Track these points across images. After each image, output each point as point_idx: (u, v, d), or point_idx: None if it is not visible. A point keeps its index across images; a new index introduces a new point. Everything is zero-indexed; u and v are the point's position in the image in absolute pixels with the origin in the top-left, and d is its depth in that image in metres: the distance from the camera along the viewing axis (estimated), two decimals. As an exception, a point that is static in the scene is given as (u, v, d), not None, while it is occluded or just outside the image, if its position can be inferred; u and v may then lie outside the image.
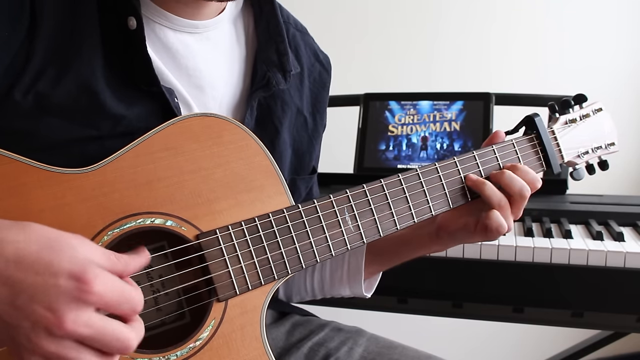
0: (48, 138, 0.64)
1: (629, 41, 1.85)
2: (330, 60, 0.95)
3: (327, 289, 0.93)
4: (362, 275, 0.88)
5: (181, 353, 0.63)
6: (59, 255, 0.49)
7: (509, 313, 1.14)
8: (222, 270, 0.65)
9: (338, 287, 0.91)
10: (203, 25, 0.76)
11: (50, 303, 0.48)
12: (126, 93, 0.68)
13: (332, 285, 0.92)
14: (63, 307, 0.48)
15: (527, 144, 0.85)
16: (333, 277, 0.91)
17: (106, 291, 0.50)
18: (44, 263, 0.49)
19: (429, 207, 0.77)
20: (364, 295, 0.91)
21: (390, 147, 1.45)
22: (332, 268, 0.91)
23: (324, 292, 0.94)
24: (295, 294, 0.96)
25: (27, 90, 0.63)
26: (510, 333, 2.00)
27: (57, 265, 0.49)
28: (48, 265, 0.49)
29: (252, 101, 0.79)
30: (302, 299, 0.97)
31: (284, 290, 0.98)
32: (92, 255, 0.51)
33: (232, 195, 0.68)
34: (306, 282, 0.94)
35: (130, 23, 0.68)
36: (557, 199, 1.32)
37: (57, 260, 0.49)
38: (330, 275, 0.92)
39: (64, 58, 0.65)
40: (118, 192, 0.63)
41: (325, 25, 1.78)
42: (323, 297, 0.95)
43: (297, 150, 0.88)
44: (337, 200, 0.72)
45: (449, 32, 1.94)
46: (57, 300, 0.48)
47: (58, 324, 0.48)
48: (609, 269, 1.03)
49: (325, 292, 0.94)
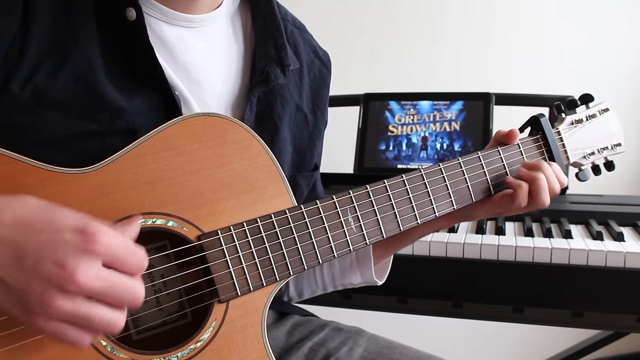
0: (47, 133, 0.64)
1: (629, 41, 1.85)
2: (329, 56, 0.95)
3: (337, 279, 0.93)
4: (371, 260, 0.88)
5: (182, 354, 0.63)
6: (59, 213, 0.50)
7: (509, 313, 1.14)
8: (223, 271, 0.65)
9: (349, 276, 0.91)
10: (199, 20, 0.76)
11: (59, 258, 0.48)
12: (126, 85, 0.68)
13: (342, 274, 0.92)
14: (73, 261, 0.48)
15: (532, 144, 0.85)
16: (343, 265, 0.91)
17: (111, 243, 0.50)
18: (45, 221, 0.49)
19: (433, 208, 0.77)
20: (376, 281, 0.91)
21: (390, 147, 1.44)
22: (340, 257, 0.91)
23: (335, 284, 0.94)
24: (306, 288, 0.96)
25: (24, 83, 0.63)
26: (510, 333, 2.00)
27: (60, 221, 0.49)
28: (50, 222, 0.49)
29: (252, 97, 0.78)
30: (313, 293, 0.97)
31: (294, 286, 0.97)
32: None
33: (234, 195, 0.67)
34: (316, 275, 0.94)
35: (129, 14, 0.68)
36: (557, 199, 1.32)
37: (58, 217, 0.49)
38: (339, 264, 0.91)
39: (61, 50, 0.65)
40: (119, 192, 0.62)
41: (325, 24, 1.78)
42: (335, 289, 0.95)
43: (298, 147, 0.88)
44: (339, 201, 0.72)
45: (449, 32, 1.94)
46: (65, 254, 0.48)
47: (70, 277, 0.47)
48: (609, 269, 1.03)
49: (337, 283, 0.93)
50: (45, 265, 0.47)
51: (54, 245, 0.48)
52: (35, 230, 0.48)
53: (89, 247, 0.48)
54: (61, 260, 0.47)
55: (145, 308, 0.66)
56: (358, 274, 0.90)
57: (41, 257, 0.48)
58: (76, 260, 0.48)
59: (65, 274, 0.47)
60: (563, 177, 0.81)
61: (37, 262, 0.48)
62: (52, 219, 0.49)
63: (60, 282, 0.47)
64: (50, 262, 0.47)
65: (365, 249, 0.88)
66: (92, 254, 0.48)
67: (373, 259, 0.89)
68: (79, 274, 0.47)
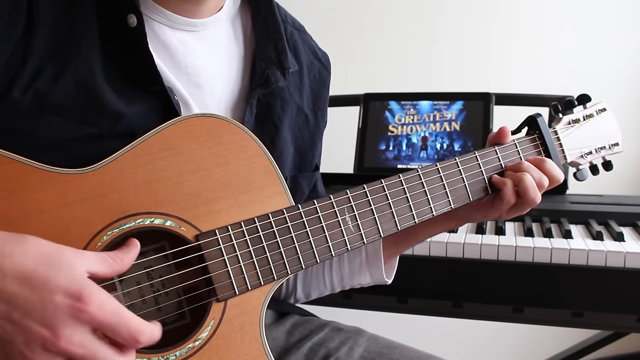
0: (48, 137, 0.64)
1: (628, 41, 1.85)
2: (329, 57, 0.95)
3: (346, 280, 0.92)
4: (381, 260, 0.88)
5: (180, 353, 0.63)
6: (56, 272, 0.50)
7: (509, 313, 1.14)
8: (221, 271, 0.65)
9: (358, 276, 0.91)
10: (201, 24, 0.77)
11: (46, 320, 0.48)
12: (126, 91, 0.68)
13: (351, 275, 0.92)
14: (59, 324, 0.49)
15: (529, 144, 0.85)
16: (352, 266, 0.91)
17: (101, 311, 0.50)
18: (41, 279, 0.49)
19: (430, 208, 0.77)
20: (386, 281, 0.91)
21: (390, 147, 1.45)
22: (350, 258, 0.91)
23: (344, 284, 0.94)
24: (314, 290, 0.95)
25: (25, 89, 0.63)
26: (510, 333, 2.00)
27: (55, 282, 0.49)
28: (45, 281, 0.49)
29: (252, 99, 0.79)
30: (321, 294, 0.97)
31: (302, 288, 0.96)
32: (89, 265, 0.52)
33: (231, 195, 0.68)
34: (325, 277, 0.93)
35: (130, 20, 0.68)
36: (557, 199, 1.32)
37: (54, 277, 0.50)
38: (349, 265, 0.91)
39: (63, 56, 0.65)
40: (117, 192, 0.63)
41: (324, 25, 1.78)
42: (343, 290, 0.95)
43: (299, 148, 0.88)
44: (337, 201, 0.72)
45: (449, 32, 1.94)
46: (52, 317, 0.49)
47: (53, 340, 0.48)
48: (609, 269, 1.03)
49: (345, 283, 0.93)
50: (32, 323, 0.48)
51: (44, 306, 0.49)
52: (30, 285, 0.49)
53: (77, 314, 0.49)
54: (48, 322, 0.48)
55: (143, 308, 0.67)
56: (367, 274, 0.90)
57: (30, 314, 0.49)
58: (62, 325, 0.49)
59: (49, 335, 0.48)
60: (558, 172, 0.81)
61: (25, 318, 0.48)
62: (48, 278, 0.49)
63: (44, 343, 0.49)
64: (37, 322, 0.48)
65: (375, 249, 0.88)
66: (79, 321, 0.49)
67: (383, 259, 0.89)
68: (62, 338, 0.48)
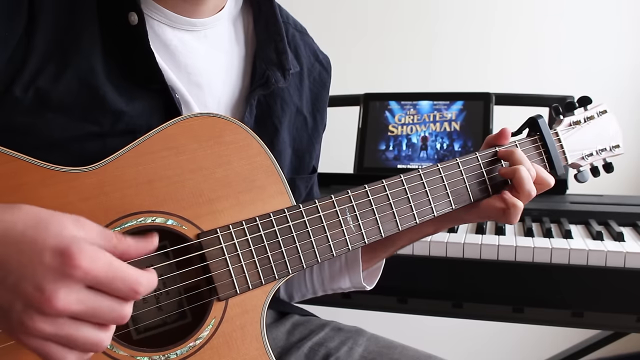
0: (49, 135, 0.64)
1: (628, 42, 1.85)
2: (330, 60, 0.95)
3: (327, 283, 0.93)
4: (359, 265, 0.88)
5: (181, 352, 0.63)
6: (44, 233, 0.48)
7: (509, 313, 1.14)
8: (222, 269, 0.65)
9: (338, 280, 0.91)
10: (201, 24, 0.76)
11: (37, 281, 0.47)
12: (127, 89, 0.68)
13: (332, 279, 0.92)
14: (50, 285, 0.47)
15: (530, 145, 0.85)
16: (332, 270, 0.91)
17: (93, 266, 0.48)
18: (27, 241, 0.48)
19: (431, 208, 0.77)
20: (364, 286, 0.91)
21: (390, 147, 1.45)
22: (330, 262, 0.91)
23: (325, 288, 0.94)
24: (296, 292, 0.97)
25: (27, 86, 0.63)
26: (510, 333, 2.00)
27: (41, 242, 0.47)
28: (32, 242, 0.48)
29: (252, 99, 0.79)
30: (303, 297, 0.97)
31: (285, 289, 0.98)
32: (86, 233, 0.50)
33: (233, 194, 0.68)
34: (306, 279, 0.94)
35: (132, 18, 0.68)
36: (557, 199, 1.32)
37: (41, 237, 0.48)
38: (329, 268, 0.92)
39: (64, 53, 0.65)
40: (119, 191, 0.63)
41: (324, 25, 1.78)
42: (325, 293, 0.95)
43: (297, 150, 0.88)
44: (338, 200, 0.72)
45: (449, 32, 1.94)
46: (43, 278, 0.47)
47: (48, 302, 0.46)
48: (609, 269, 1.03)
49: (326, 287, 0.94)
50: (25, 286, 0.47)
51: (34, 268, 0.47)
52: (18, 249, 0.47)
53: (68, 271, 0.47)
54: (39, 284, 0.46)
55: (144, 307, 0.67)
56: (347, 278, 0.90)
57: (21, 278, 0.47)
58: (54, 285, 0.46)
59: (43, 298, 0.46)
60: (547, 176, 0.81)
61: (18, 282, 0.47)
62: (34, 239, 0.48)
63: (39, 306, 0.47)
64: (30, 285, 0.47)
65: (355, 254, 0.88)
66: (71, 278, 0.47)
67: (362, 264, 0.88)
68: (57, 299, 0.46)
